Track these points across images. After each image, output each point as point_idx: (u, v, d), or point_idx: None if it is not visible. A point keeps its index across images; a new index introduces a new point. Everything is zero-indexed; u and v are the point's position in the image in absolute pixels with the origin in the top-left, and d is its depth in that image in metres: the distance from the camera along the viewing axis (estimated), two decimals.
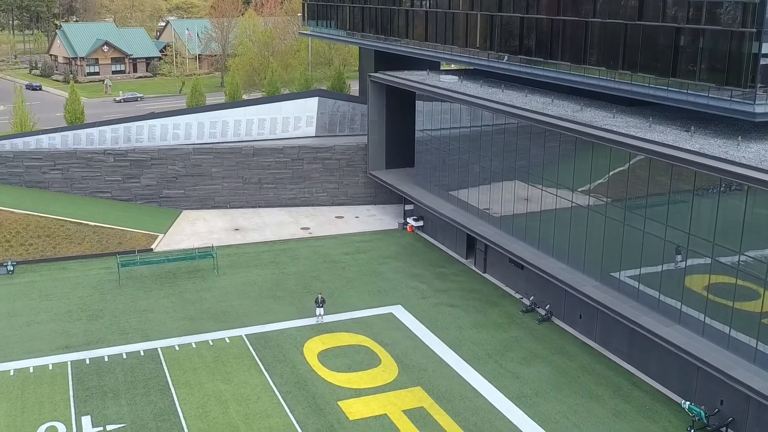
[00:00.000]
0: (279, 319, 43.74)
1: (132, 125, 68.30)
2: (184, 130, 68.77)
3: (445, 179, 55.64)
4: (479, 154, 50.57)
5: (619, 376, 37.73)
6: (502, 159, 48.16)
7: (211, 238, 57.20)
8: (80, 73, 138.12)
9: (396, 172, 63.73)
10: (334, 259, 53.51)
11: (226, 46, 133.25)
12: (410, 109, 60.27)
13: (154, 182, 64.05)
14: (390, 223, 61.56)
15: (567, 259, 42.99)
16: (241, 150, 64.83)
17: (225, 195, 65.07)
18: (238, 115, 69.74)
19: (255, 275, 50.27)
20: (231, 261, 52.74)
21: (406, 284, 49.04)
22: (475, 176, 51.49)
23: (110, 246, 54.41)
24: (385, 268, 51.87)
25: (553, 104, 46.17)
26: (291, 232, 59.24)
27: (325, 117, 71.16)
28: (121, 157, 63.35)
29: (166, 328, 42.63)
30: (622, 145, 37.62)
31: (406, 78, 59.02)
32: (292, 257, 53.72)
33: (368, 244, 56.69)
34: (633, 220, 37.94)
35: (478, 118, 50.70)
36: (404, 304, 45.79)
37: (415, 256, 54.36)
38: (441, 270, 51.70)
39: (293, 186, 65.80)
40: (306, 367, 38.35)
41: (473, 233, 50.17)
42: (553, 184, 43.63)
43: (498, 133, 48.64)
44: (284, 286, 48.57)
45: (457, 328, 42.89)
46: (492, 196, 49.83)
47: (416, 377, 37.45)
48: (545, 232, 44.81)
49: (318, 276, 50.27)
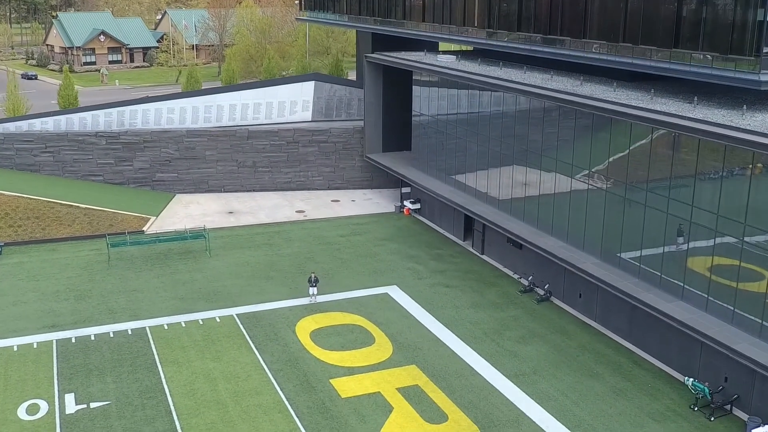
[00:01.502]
0: (271, 299, 42.71)
1: (125, 109, 67.21)
2: (178, 115, 67.70)
3: (443, 161, 54.58)
4: (477, 134, 49.51)
5: (619, 355, 36.69)
6: (501, 137, 47.10)
7: (205, 220, 56.14)
8: (76, 62, 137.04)
9: (393, 156, 62.67)
10: (329, 240, 52.48)
11: (223, 35, 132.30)
12: (407, 91, 59.19)
13: (147, 165, 62.99)
14: (386, 206, 60.52)
15: (566, 235, 41.93)
16: (236, 133, 63.77)
17: (219, 178, 64.03)
18: (232, 99, 68.66)
19: (248, 256, 49.25)
20: (224, 243, 51.71)
21: (402, 265, 48.00)
22: (473, 157, 50.42)
23: (101, 228, 53.36)
24: (380, 249, 50.84)
25: (552, 80, 45.07)
26: (286, 214, 58.22)
27: (322, 101, 70.09)
28: (113, 140, 62.29)
29: (155, 307, 41.60)
30: (622, 115, 36.53)
31: (403, 57, 57.93)
32: (286, 239, 52.69)
33: (364, 226, 55.66)
34: (634, 194, 36.89)
35: (476, 98, 49.62)
36: (400, 285, 44.77)
37: (411, 238, 53.33)
38: (438, 251, 50.66)
39: (288, 169, 64.74)
40: (298, 345, 37.33)
41: (471, 213, 49.12)
42: (552, 161, 42.58)
43: (496, 112, 47.57)
44: (277, 267, 47.54)
45: (453, 308, 41.87)
46: (491, 176, 48.77)
47: (411, 356, 36.42)
48: (544, 210, 43.76)
49: (312, 257, 49.24)
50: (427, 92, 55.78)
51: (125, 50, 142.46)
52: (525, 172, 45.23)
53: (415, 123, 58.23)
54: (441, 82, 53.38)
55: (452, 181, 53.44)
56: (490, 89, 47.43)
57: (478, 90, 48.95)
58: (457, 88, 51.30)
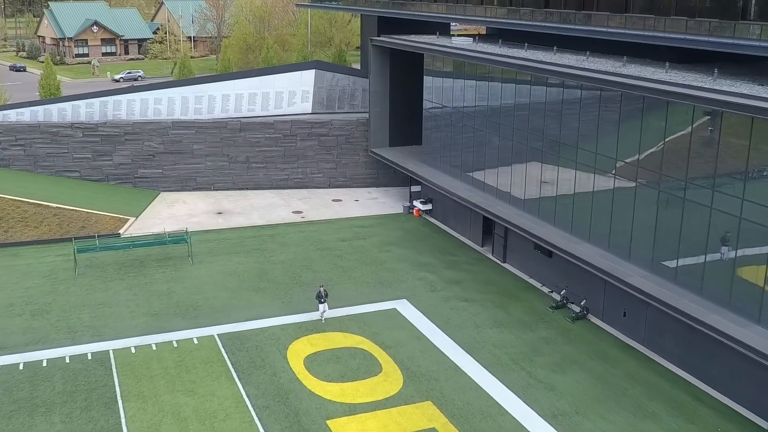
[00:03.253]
0: (260, 315, 36.52)
1: (109, 99, 60.96)
2: (166, 106, 61.41)
3: (458, 157, 48.31)
4: (499, 126, 43.24)
5: (676, 388, 30.41)
6: (527, 129, 40.82)
7: (190, 222, 50.00)
8: (68, 54, 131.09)
9: (401, 150, 56.42)
10: (328, 246, 46.25)
11: (221, 26, 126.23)
12: (417, 78, 52.98)
13: (129, 160, 56.85)
14: (394, 206, 54.28)
15: (608, 243, 35.64)
16: (227, 124, 57.59)
17: (208, 175, 57.84)
18: (226, 89, 62.33)
19: (236, 264, 43.05)
20: (210, 247, 45.52)
21: (413, 275, 41.77)
22: (494, 151, 44.16)
23: (71, 230, 47.22)
24: (387, 256, 44.60)
25: (588, 61, 38.77)
26: (281, 215, 52.02)
27: (323, 92, 63.78)
28: (90, 131, 56.16)
29: (123, 325, 35.42)
30: (689, 98, 30.16)
31: (413, 40, 51.68)
32: (281, 243, 46.47)
33: (369, 229, 49.44)
34: (695, 193, 30.59)
35: (498, 84, 43.36)
36: (410, 298, 38.55)
37: (422, 242, 47.07)
38: (452, 258, 44.41)
39: (285, 165, 58.54)
40: (289, 374, 31.10)
41: (491, 215, 42.85)
42: (589, 156, 36.31)
43: (522, 100, 41.30)
44: (269, 276, 41.34)
45: (473, 326, 35.62)
46: (515, 173, 42.50)
47: (425, 389, 30.18)
48: (580, 213, 37.47)
49: (309, 265, 43.04)
50: (440, 79, 49.54)
51: (119, 42, 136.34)
52: (556, 168, 38.94)
53: (426, 114, 51.98)
54: (456, 68, 47.11)
55: (469, 179, 47.17)
56: (516, 73, 41.13)
57: (500, 75, 42.67)
58: (476, 73, 45.02)
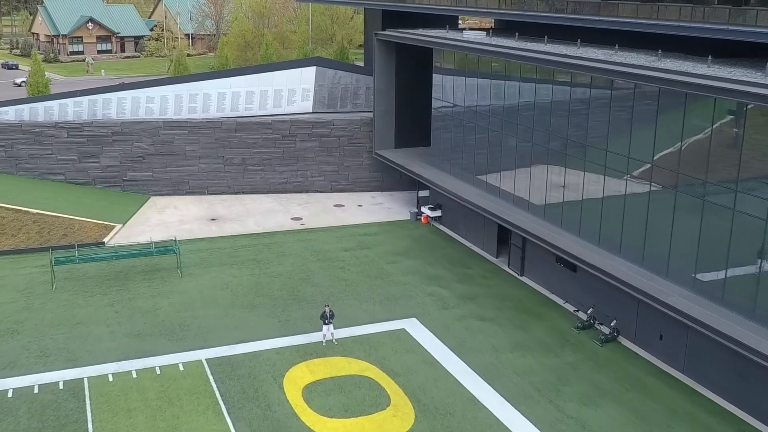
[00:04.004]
0: (254, 336, 32.88)
1: (98, 98, 57.29)
2: (159, 104, 57.76)
3: (470, 160, 44.67)
4: (516, 126, 39.60)
5: (727, 426, 26.76)
6: (548, 129, 37.18)
7: (181, 229, 46.42)
8: (63, 51, 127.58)
9: (408, 152, 52.80)
10: (330, 256, 42.62)
11: (220, 23, 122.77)
12: (426, 75, 49.36)
13: (117, 162, 53.25)
14: (400, 212, 50.64)
15: (641, 258, 31.99)
16: (222, 124, 53.99)
17: (201, 178, 54.22)
18: (222, 86, 58.68)
19: (229, 276, 39.43)
20: (201, 258, 41.91)
21: (422, 289, 38.14)
22: (510, 154, 40.52)
23: (52, 238, 43.63)
24: (394, 268, 40.96)
25: (617, 55, 35.11)
26: (279, 222, 48.39)
27: (324, 90, 60.15)
28: (76, 131, 52.57)
29: (101, 348, 31.80)
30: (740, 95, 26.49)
31: (422, 34, 48.04)
32: (278, 254, 42.85)
33: (373, 237, 45.80)
34: (747, 203, 26.94)
35: (515, 81, 39.73)
36: (420, 317, 34.91)
37: (431, 252, 43.44)
38: (465, 271, 40.78)
39: (284, 168, 54.94)
40: (285, 408, 27.47)
41: (507, 224, 39.21)
42: (620, 160, 32.69)
43: (543, 99, 37.66)
44: (265, 290, 37.73)
45: (491, 350, 31.97)
46: (534, 178, 38.85)
47: (440, 425, 26.54)
48: (609, 222, 33.81)
49: (309, 278, 39.41)
50: (450, 76, 45.90)
51: (115, 39, 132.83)
52: (581, 172, 35.30)
53: (435, 114, 48.36)
54: (469, 63, 43.47)
55: (482, 184, 43.54)
56: (536, 69, 37.48)
57: (518, 71, 39.01)
58: (491, 69, 41.38)
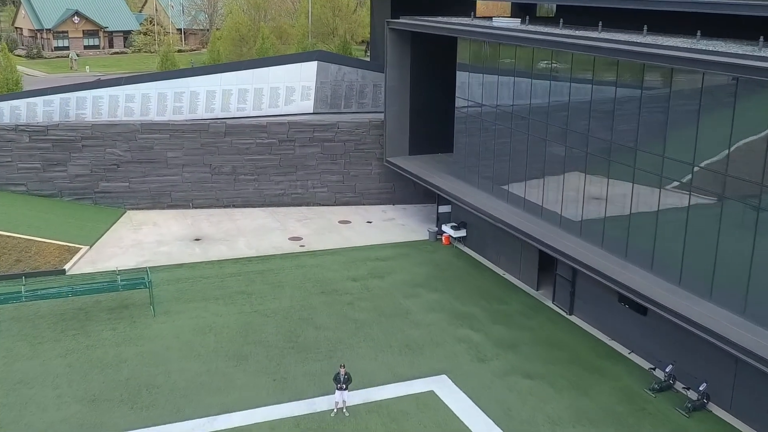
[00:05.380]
0: (242, 403, 25.65)
1: (71, 96, 50.08)
2: (139, 104, 50.52)
3: (503, 170, 37.49)
4: (566, 131, 32.41)
5: None
6: (610, 137, 29.97)
7: (159, 252, 39.24)
8: (47, 47, 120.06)
9: (425, 160, 45.66)
10: (336, 287, 35.42)
11: (214, 16, 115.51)
12: (447, 70, 42.28)
13: (87, 171, 45.98)
14: (416, 230, 43.47)
15: (744, 305, 24.79)
16: (209, 127, 46.77)
17: (186, 189, 46.97)
18: (211, 83, 51.46)
19: (213, 315, 32.20)
20: (180, 290, 34.67)
21: (451, 333, 30.94)
22: (557, 166, 33.36)
23: (3, 265, 36.39)
24: (415, 303, 33.76)
25: (700, 43, 27.87)
26: (275, 243, 41.17)
27: (327, 88, 52.93)
28: (39, 135, 45.30)
29: (43, 421, 24.54)
30: None
31: (443, 21, 40.83)
32: (274, 284, 35.62)
33: (387, 263, 38.59)
34: None
35: (564, 77, 32.57)
36: (451, 373, 27.71)
37: (457, 282, 36.26)
38: (501, 308, 33.59)
39: (281, 178, 47.71)
40: None
41: (553, 251, 32.01)
42: (712, 177, 25.52)
43: (603, 96, 30.45)
44: (257, 335, 30.51)
45: (548, 422, 24.78)
46: (589, 196, 31.63)
47: None
48: (695, 257, 26.60)
49: (311, 317, 32.21)
50: (479, 72, 38.70)
51: (103, 34, 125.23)
52: (656, 191, 28.10)
53: (459, 115, 41.11)
54: (504, 56, 36.29)
55: (518, 200, 36.37)
56: (593, 60, 30.28)
57: (568, 63, 31.80)
58: (532, 62, 34.19)
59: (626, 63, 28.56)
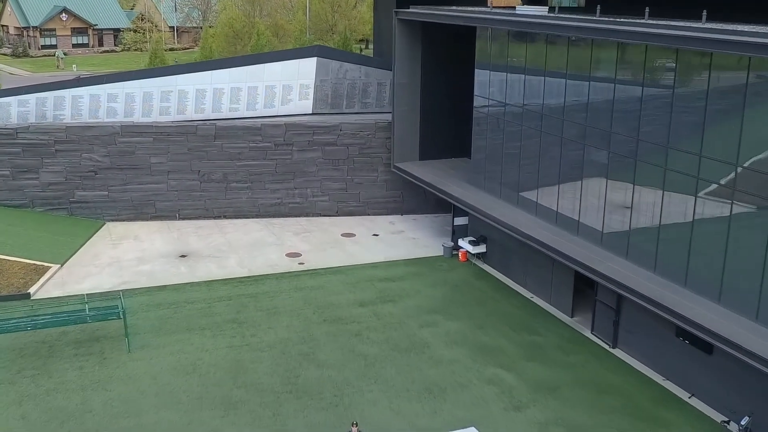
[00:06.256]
0: None
1: (48, 96, 45.47)
2: (123, 104, 45.87)
3: (530, 179, 32.91)
4: (609, 134, 27.83)
5: None
6: (667, 142, 25.41)
7: (139, 272, 34.63)
8: (34, 45, 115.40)
9: (438, 166, 41.17)
10: (341, 314, 30.81)
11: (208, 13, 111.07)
12: (463, 65, 37.87)
13: (62, 179, 41.36)
14: (429, 244, 38.88)
15: None
16: (197, 129, 42.15)
17: (171, 199, 42.33)
18: (201, 81, 46.82)
19: (198, 351, 27.57)
20: (161, 319, 30.04)
21: (477, 372, 26.34)
22: (597, 174, 28.79)
23: None
24: (433, 334, 29.16)
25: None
26: (270, 260, 36.55)
27: (327, 86, 48.29)
28: (7, 139, 40.64)
29: None
30: None
31: (460, 10, 36.26)
32: (269, 310, 31.00)
33: (398, 284, 33.99)
34: None
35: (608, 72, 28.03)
36: (482, 425, 23.06)
37: (480, 307, 31.66)
38: (533, 339, 28.98)
39: (277, 185, 43.10)
40: None
41: (594, 274, 27.43)
42: None
43: (656, 93, 25.90)
44: (249, 375, 25.89)
45: None
46: (643, 206, 27.05)
47: None
48: None
49: (313, 352, 27.59)
50: (502, 67, 34.12)
51: (93, 32, 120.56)
52: (727, 204, 23.54)
53: (479, 116, 36.53)
54: (533, 48, 31.73)
55: (549, 213, 31.79)
56: (644, 50, 25.73)
57: (614, 55, 27.23)
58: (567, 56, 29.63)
59: (688, 53, 24.00)
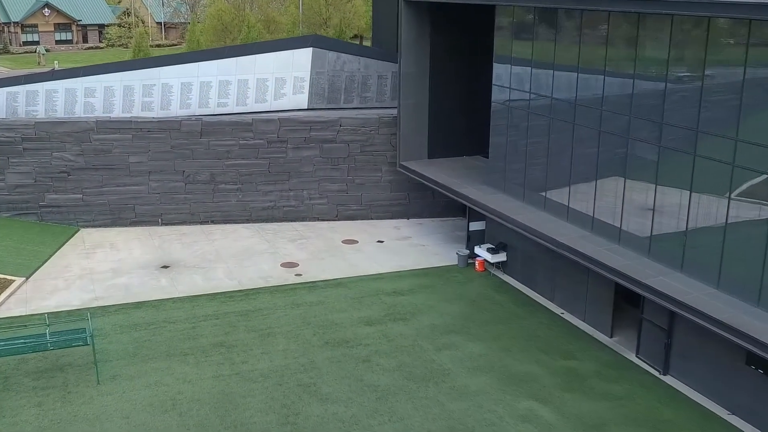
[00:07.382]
0: None
1: (20, 90, 41.29)
2: (102, 99, 41.65)
3: (558, 179, 28.93)
4: (661, 126, 23.89)
5: None
6: (735, 133, 21.47)
7: (114, 285, 30.49)
8: (15, 41, 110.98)
9: (449, 165, 37.15)
10: (345, 336, 26.75)
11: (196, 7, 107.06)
12: (479, 52, 34.00)
13: (31, 180, 37.21)
14: (439, 252, 34.87)
15: None
16: (181, 125, 38.07)
17: (153, 202, 38.21)
18: (187, 74, 42.64)
19: (179, 382, 23.46)
20: (137, 342, 25.92)
21: (509, 406, 22.33)
22: (644, 174, 24.84)
23: None
24: (452, 359, 25.14)
25: None
26: (263, 272, 32.45)
27: (323, 79, 44.17)
28: None
29: None
30: None
31: None
32: (262, 332, 26.92)
33: (408, 298, 29.95)
34: None
35: (653, 54, 24.11)
36: None
37: (503, 327, 27.66)
38: (569, 364, 25.00)
39: (270, 187, 39.04)
40: None
41: (644, 289, 23.45)
42: None
43: (716, 75, 21.96)
44: (240, 413, 21.82)
45: None
46: (696, 213, 23.10)
47: None
48: None
49: (314, 383, 23.53)
50: (526, 53, 30.13)
51: (76, 27, 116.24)
52: None
53: (497, 109, 32.50)
54: (564, 29, 27.78)
55: (582, 219, 27.80)
56: (706, 25, 21.81)
57: (666, 35, 23.29)
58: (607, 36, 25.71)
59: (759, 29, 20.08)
